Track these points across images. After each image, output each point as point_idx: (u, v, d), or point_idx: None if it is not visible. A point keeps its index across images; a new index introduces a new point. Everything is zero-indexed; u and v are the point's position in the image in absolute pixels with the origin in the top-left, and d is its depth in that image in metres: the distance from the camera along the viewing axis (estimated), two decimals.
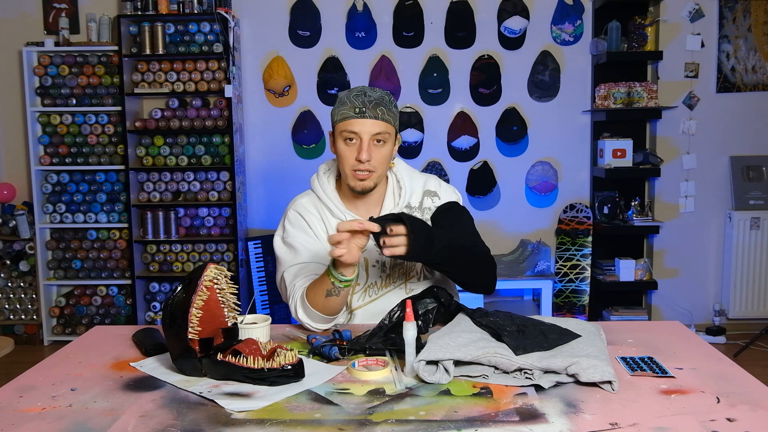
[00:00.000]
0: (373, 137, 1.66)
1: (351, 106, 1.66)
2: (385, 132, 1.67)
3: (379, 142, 1.67)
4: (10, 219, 4.16)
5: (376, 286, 1.79)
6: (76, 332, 4.19)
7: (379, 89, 1.71)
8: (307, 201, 1.83)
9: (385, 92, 1.71)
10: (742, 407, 1.14)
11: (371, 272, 1.78)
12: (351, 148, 1.67)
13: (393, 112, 1.69)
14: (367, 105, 1.65)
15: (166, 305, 1.32)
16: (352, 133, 1.66)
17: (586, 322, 1.48)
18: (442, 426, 1.09)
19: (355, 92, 1.68)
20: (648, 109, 3.98)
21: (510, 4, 4.16)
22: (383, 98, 1.68)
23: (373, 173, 1.68)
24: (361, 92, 1.67)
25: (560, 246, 4.16)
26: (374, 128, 1.65)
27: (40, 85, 4.11)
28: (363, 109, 1.65)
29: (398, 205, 1.79)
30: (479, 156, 4.28)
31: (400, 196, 1.79)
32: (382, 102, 1.67)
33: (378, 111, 1.66)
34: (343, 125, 1.67)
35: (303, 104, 4.27)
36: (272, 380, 1.25)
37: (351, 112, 1.65)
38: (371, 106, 1.65)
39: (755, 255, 4.16)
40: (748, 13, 4.15)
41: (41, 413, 1.17)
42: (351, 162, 1.67)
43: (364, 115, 1.65)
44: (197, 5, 4.01)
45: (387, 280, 1.79)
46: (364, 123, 1.65)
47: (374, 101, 1.66)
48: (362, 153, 1.65)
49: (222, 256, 4.18)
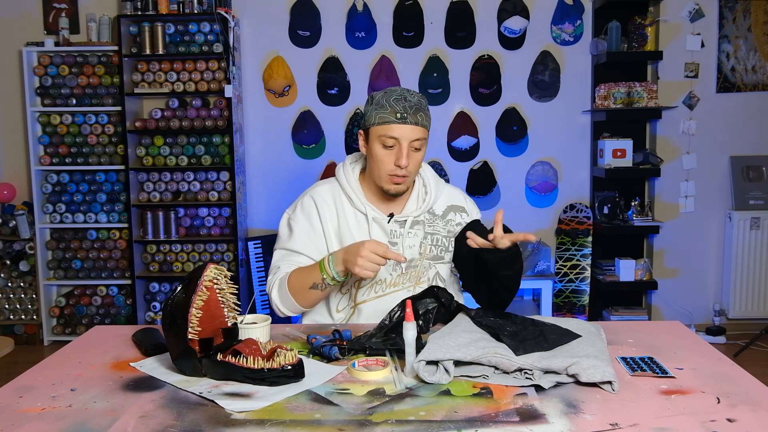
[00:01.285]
0: (412, 143, 1.66)
1: (392, 110, 1.65)
2: (423, 137, 1.68)
3: (417, 148, 1.68)
4: (10, 219, 4.16)
5: (384, 283, 1.78)
6: (76, 332, 4.19)
7: (415, 93, 1.70)
8: (326, 189, 1.82)
9: (421, 96, 1.71)
10: (743, 407, 1.14)
11: (382, 269, 1.76)
12: (389, 152, 1.68)
13: (429, 117, 1.71)
14: (408, 111, 1.65)
15: (166, 305, 1.32)
16: (392, 138, 1.66)
17: (586, 322, 1.48)
18: (442, 426, 1.09)
19: (395, 96, 1.67)
20: (648, 109, 3.98)
21: (510, 4, 4.16)
22: (421, 103, 1.68)
23: (407, 177, 1.70)
24: (401, 96, 1.67)
25: (560, 246, 4.16)
26: (414, 134, 1.66)
27: (40, 85, 4.11)
28: (405, 115, 1.64)
29: (420, 208, 1.80)
30: (479, 156, 4.28)
31: (425, 200, 1.80)
32: (421, 107, 1.67)
33: (418, 117, 1.66)
34: (382, 129, 1.66)
35: (303, 104, 4.26)
36: (272, 380, 1.25)
37: (392, 117, 1.65)
38: (412, 111, 1.65)
39: (755, 255, 4.15)
40: (748, 13, 4.15)
41: (41, 413, 1.17)
42: (389, 167, 1.68)
43: (405, 120, 1.64)
44: (197, 5, 4.01)
45: (397, 279, 1.78)
46: (404, 129, 1.65)
47: (414, 106, 1.66)
48: (402, 159, 1.65)
49: (222, 256, 4.17)
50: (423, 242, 1.80)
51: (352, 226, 1.78)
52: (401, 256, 1.60)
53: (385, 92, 1.69)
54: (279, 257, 1.80)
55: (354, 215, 1.78)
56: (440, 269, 1.82)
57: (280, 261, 1.79)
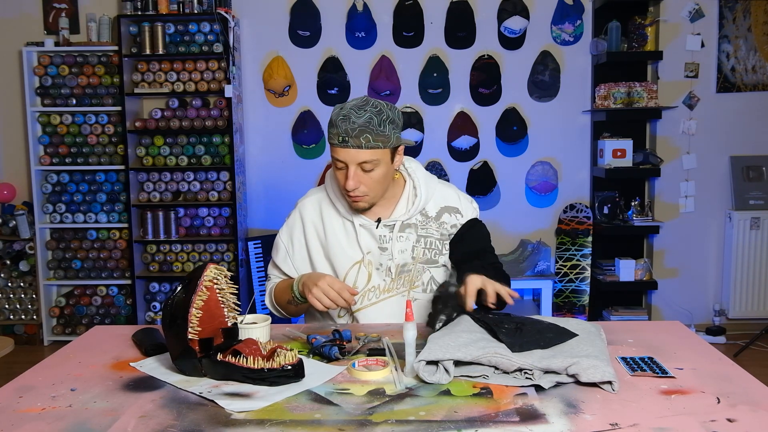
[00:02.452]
0: (360, 165, 1.60)
1: (336, 132, 1.58)
2: (372, 160, 1.59)
3: (368, 170, 1.61)
4: (10, 219, 4.16)
5: (378, 289, 1.76)
6: (76, 332, 4.19)
7: (369, 108, 1.58)
8: (314, 200, 1.82)
9: (375, 111, 1.58)
10: (743, 407, 1.14)
11: (375, 275, 1.75)
12: (341, 173, 1.64)
13: (383, 134, 1.58)
14: (350, 133, 1.56)
15: (166, 305, 1.32)
16: (338, 160, 1.62)
17: (586, 322, 1.48)
18: (442, 426, 1.09)
19: (342, 115, 1.58)
20: (648, 109, 3.98)
21: (510, 4, 4.16)
22: (371, 121, 1.56)
23: (366, 196, 1.66)
24: (346, 117, 1.57)
25: (560, 246, 4.16)
26: (359, 157, 1.58)
27: (40, 85, 4.11)
28: (346, 138, 1.57)
29: (410, 211, 1.75)
30: (479, 156, 4.28)
31: (414, 203, 1.76)
32: (368, 127, 1.56)
33: (362, 140, 1.56)
34: (332, 150, 1.63)
35: (303, 104, 4.26)
36: (272, 380, 1.25)
37: (335, 140, 1.59)
38: (354, 134, 1.56)
39: (755, 255, 4.15)
40: (748, 13, 4.15)
41: (41, 413, 1.17)
42: (341, 186, 1.66)
43: (346, 144, 1.57)
44: (197, 5, 4.01)
45: (390, 285, 1.76)
46: (347, 152, 1.58)
47: (358, 128, 1.55)
48: (348, 182, 1.61)
49: (222, 256, 4.17)
50: (416, 246, 1.75)
51: (339, 235, 1.76)
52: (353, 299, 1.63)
53: (341, 108, 1.60)
54: (270, 267, 1.90)
55: (342, 224, 1.76)
56: (434, 273, 1.78)
57: (270, 271, 1.90)
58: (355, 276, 1.75)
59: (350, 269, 1.75)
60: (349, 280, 1.75)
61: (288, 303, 1.75)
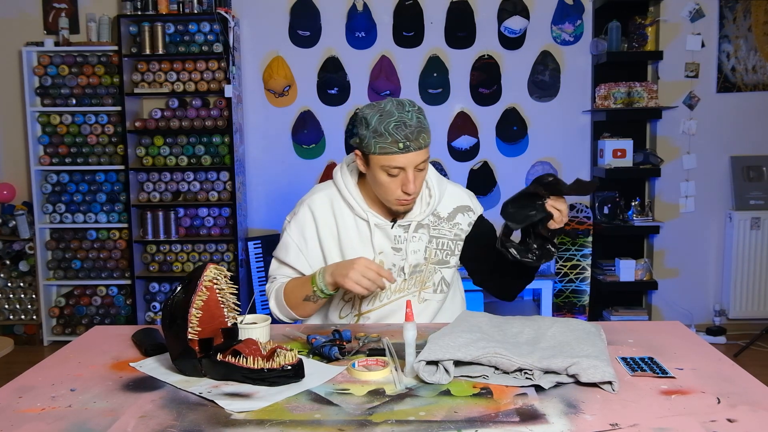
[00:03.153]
0: (417, 166, 1.59)
1: (393, 141, 1.55)
2: (426, 158, 1.61)
3: (421, 169, 1.62)
4: (10, 219, 4.16)
5: (389, 290, 1.75)
6: (75, 332, 4.19)
7: (411, 109, 1.59)
8: (324, 196, 1.77)
9: (417, 109, 1.60)
10: (743, 408, 1.14)
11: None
12: (394, 180, 1.60)
13: (429, 131, 1.61)
14: (410, 138, 1.55)
15: (166, 305, 1.32)
16: (396, 168, 1.58)
17: (586, 322, 1.48)
18: (442, 426, 1.08)
19: (394, 123, 1.55)
20: (648, 109, 3.97)
21: (510, 4, 4.16)
22: (421, 122, 1.58)
23: (414, 196, 1.65)
24: (400, 122, 1.55)
25: (560, 246, 4.15)
26: (418, 158, 1.58)
27: (40, 85, 4.11)
28: (407, 144, 1.55)
29: (424, 211, 1.74)
30: (479, 156, 4.28)
31: (429, 203, 1.75)
32: (422, 127, 1.58)
33: (421, 140, 1.57)
34: (384, 160, 1.57)
35: (303, 104, 4.26)
36: (272, 380, 1.25)
37: (394, 148, 1.55)
38: (414, 137, 1.56)
39: (755, 255, 4.15)
40: (749, 13, 4.15)
41: (41, 414, 1.17)
42: (396, 193, 1.62)
43: (409, 149, 1.56)
44: (197, 5, 4.01)
45: (402, 285, 1.75)
46: (408, 157, 1.56)
47: (416, 130, 1.56)
48: (410, 186, 1.58)
49: (222, 256, 4.17)
50: (428, 246, 1.75)
51: (352, 233, 1.74)
52: (392, 276, 1.60)
53: (381, 116, 1.56)
54: (274, 267, 1.82)
55: (354, 222, 1.74)
56: (445, 274, 1.78)
57: (275, 271, 1.81)
58: None
59: None
60: None
61: (305, 299, 1.67)
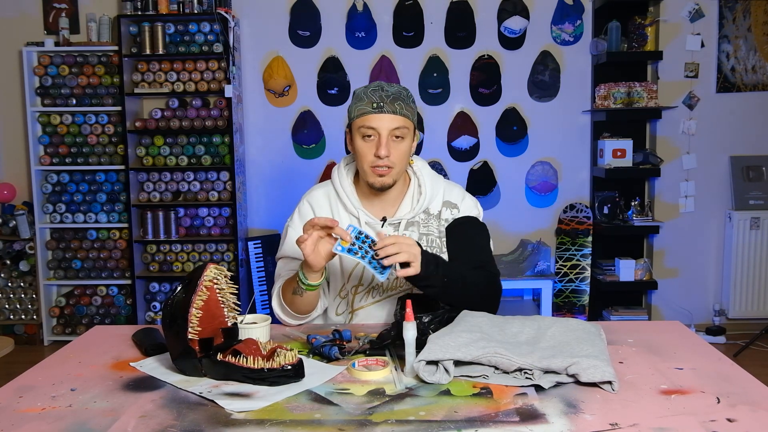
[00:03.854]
0: (392, 132, 1.63)
1: (368, 101, 1.63)
2: (403, 127, 1.64)
3: (398, 137, 1.64)
4: (10, 219, 4.16)
5: (381, 287, 1.76)
6: (76, 332, 4.19)
7: (396, 84, 1.69)
8: (322, 193, 1.80)
9: (403, 87, 1.69)
10: (742, 407, 1.14)
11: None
12: (369, 144, 1.65)
13: (411, 107, 1.67)
14: (385, 100, 1.63)
15: (166, 305, 1.32)
16: (370, 129, 1.63)
17: (586, 322, 1.48)
18: (442, 426, 1.09)
19: (372, 87, 1.66)
20: (648, 109, 3.98)
21: (510, 4, 4.16)
22: (401, 93, 1.66)
23: (392, 169, 1.66)
24: (378, 87, 1.65)
25: (560, 246, 4.16)
26: (393, 123, 1.63)
27: (40, 85, 4.11)
28: (381, 104, 1.62)
29: (414, 209, 1.74)
30: (479, 156, 4.28)
31: (419, 201, 1.75)
32: (400, 96, 1.65)
33: (396, 105, 1.63)
34: (360, 121, 1.64)
35: (303, 104, 4.26)
36: (272, 380, 1.25)
37: (368, 108, 1.63)
38: (389, 100, 1.63)
39: (755, 255, 4.15)
40: (748, 13, 4.15)
41: (41, 413, 1.17)
42: (370, 158, 1.65)
43: (382, 110, 1.62)
44: (197, 5, 4.01)
45: (393, 283, 1.76)
46: (382, 118, 1.63)
47: (392, 95, 1.64)
48: (381, 149, 1.62)
49: (222, 256, 4.17)
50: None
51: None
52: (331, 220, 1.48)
53: (366, 86, 1.68)
54: (281, 266, 1.79)
55: (348, 220, 1.75)
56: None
57: (281, 269, 1.78)
58: (361, 273, 1.75)
59: (356, 266, 1.75)
60: (354, 276, 1.75)
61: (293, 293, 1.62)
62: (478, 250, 1.73)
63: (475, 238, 1.74)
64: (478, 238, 1.75)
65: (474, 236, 1.75)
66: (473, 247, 1.73)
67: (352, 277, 1.76)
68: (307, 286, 1.58)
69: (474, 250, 1.72)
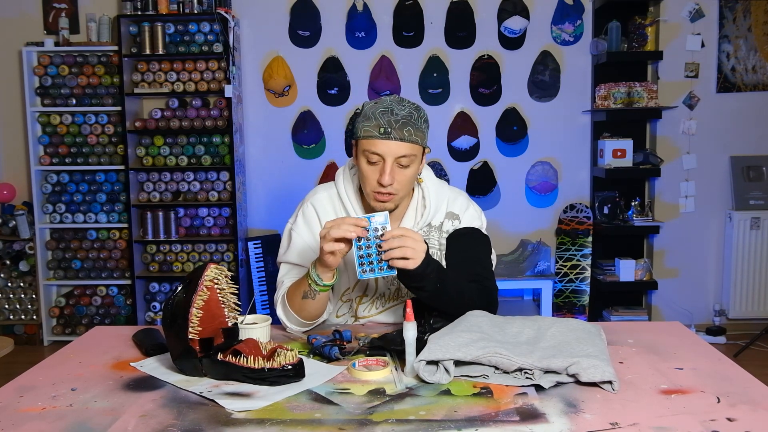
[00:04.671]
0: (398, 160, 1.54)
1: (376, 124, 1.53)
2: (410, 154, 1.55)
3: (404, 165, 1.55)
4: (10, 219, 4.16)
5: (384, 297, 1.73)
6: (76, 332, 4.19)
7: (408, 103, 1.57)
8: (326, 196, 1.73)
9: (415, 107, 1.58)
10: (743, 407, 1.14)
11: (381, 283, 1.72)
12: (373, 168, 1.56)
13: (422, 131, 1.56)
14: (393, 125, 1.52)
15: (167, 305, 1.32)
16: (374, 154, 1.54)
17: (586, 323, 1.48)
18: (442, 426, 1.09)
19: (382, 108, 1.54)
20: (648, 109, 3.98)
21: (510, 4, 4.16)
22: (411, 115, 1.55)
23: (394, 196, 1.58)
24: (387, 109, 1.54)
25: (560, 246, 4.16)
26: (399, 150, 1.53)
27: (40, 85, 4.11)
28: (388, 130, 1.52)
29: (418, 223, 1.69)
30: (479, 156, 4.28)
31: (422, 215, 1.69)
32: (410, 120, 1.54)
33: (404, 132, 1.53)
34: (366, 144, 1.55)
35: (303, 104, 4.27)
36: (272, 380, 1.25)
37: (375, 132, 1.53)
38: (397, 126, 1.52)
39: (755, 255, 4.15)
40: (748, 13, 4.15)
41: (41, 413, 1.17)
42: (373, 183, 1.57)
43: (389, 136, 1.52)
44: (197, 5, 4.01)
45: (396, 293, 1.73)
46: (388, 145, 1.53)
47: (401, 120, 1.53)
48: (384, 176, 1.53)
49: (222, 256, 4.17)
50: None
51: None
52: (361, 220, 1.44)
53: (375, 102, 1.57)
54: (284, 272, 1.73)
55: None
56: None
57: (284, 276, 1.72)
58: (365, 282, 1.72)
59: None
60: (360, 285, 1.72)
61: (304, 297, 1.56)
62: (476, 262, 1.67)
63: (473, 249, 1.69)
64: (477, 250, 1.69)
65: (473, 248, 1.69)
66: (471, 259, 1.67)
67: (357, 287, 1.72)
68: (321, 287, 1.53)
69: (471, 262, 1.66)
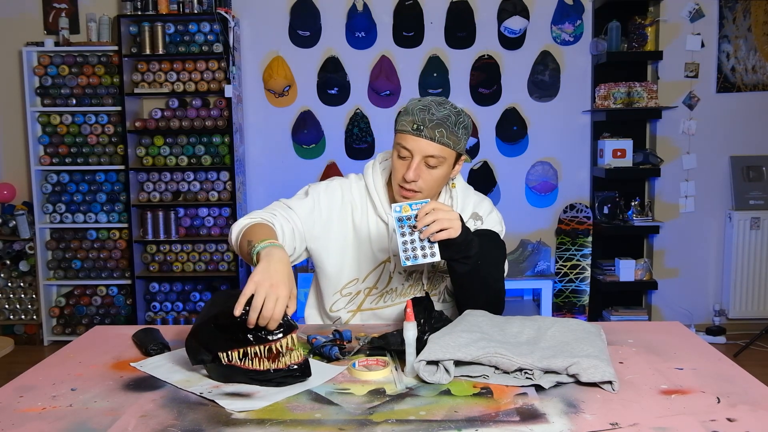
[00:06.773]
0: (425, 158, 1.55)
1: (411, 120, 1.55)
2: (440, 156, 1.55)
3: (432, 166, 1.56)
4: (10, 219, 4.16)
5: (395, 292, 1.74)
6: (76, 332, 4.19)
7: (450, 106, 1.58)
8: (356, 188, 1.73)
9: (456, 111, 1.58)
10: (743, 407, 1.14)
11: (395, 278, 1.72)
12: (402, 163, 1.58)
13: (456, 135, 1.56)
14: (427, 123, 1.53)
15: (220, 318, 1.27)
16: (404, 149, 1.56)
17: (586, 323, 1.48)
18: (442, 426, 1.09)
19: (421, 105, 1.56)
20: (648, 109, 3.98)
21: (510, 4, 4.16)
22: (448, 118, 1.55)
23: (418, 193, 1.58)
24: (426, 107, 1.55)
25: (560, 246, 4.16)
26: (428, 149, 1.54)
27: (40, 85, 4.11)
28: (421, 128, 1.53)
29: None
30: (479, 156, 4.28)
31: None
32: (446, 122, 1.54)
33: (437, 132, 1.53)
34: (399, 138, 1.57)
35: (303, 104, 4.27)
36: (279, 381, 1.25)
37: (409, 127, 1.55)
38: (431, 125, 1.53)
39: (755, 255, 4.16)
40: (748, 13, 4.15)
41: (41, 413, 1.17)
42: (399, 177, 1.59)
43: (420, 133, 1.53)
44: (197, 5, 4.01)
45: (409, 290, 1.73)
46: (418, 142, 1.54)
47: (436, 120, 1.54)
48: (409, 172, 1.55)
49: (222, 256, 4.17)
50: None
51: (372, 231, 1.70)
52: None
53: (419, 100, 1.59)
54: (275, 206, 1.76)
55: (376, 222, 1.71)
56: (448, 283, 1.75)
57: (272, 209, 1.74)
58: (378, 276, 1.72)
59: (374, 269, 1.72)
60: (370, 279, 1.73)
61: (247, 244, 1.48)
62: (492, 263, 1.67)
63: (491, 251, 1.68)
64: (494, 253, 1.69)
65: (491, 249, 1.68)
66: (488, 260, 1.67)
67: (369, 278, 1.73)
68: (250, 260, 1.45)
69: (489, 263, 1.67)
